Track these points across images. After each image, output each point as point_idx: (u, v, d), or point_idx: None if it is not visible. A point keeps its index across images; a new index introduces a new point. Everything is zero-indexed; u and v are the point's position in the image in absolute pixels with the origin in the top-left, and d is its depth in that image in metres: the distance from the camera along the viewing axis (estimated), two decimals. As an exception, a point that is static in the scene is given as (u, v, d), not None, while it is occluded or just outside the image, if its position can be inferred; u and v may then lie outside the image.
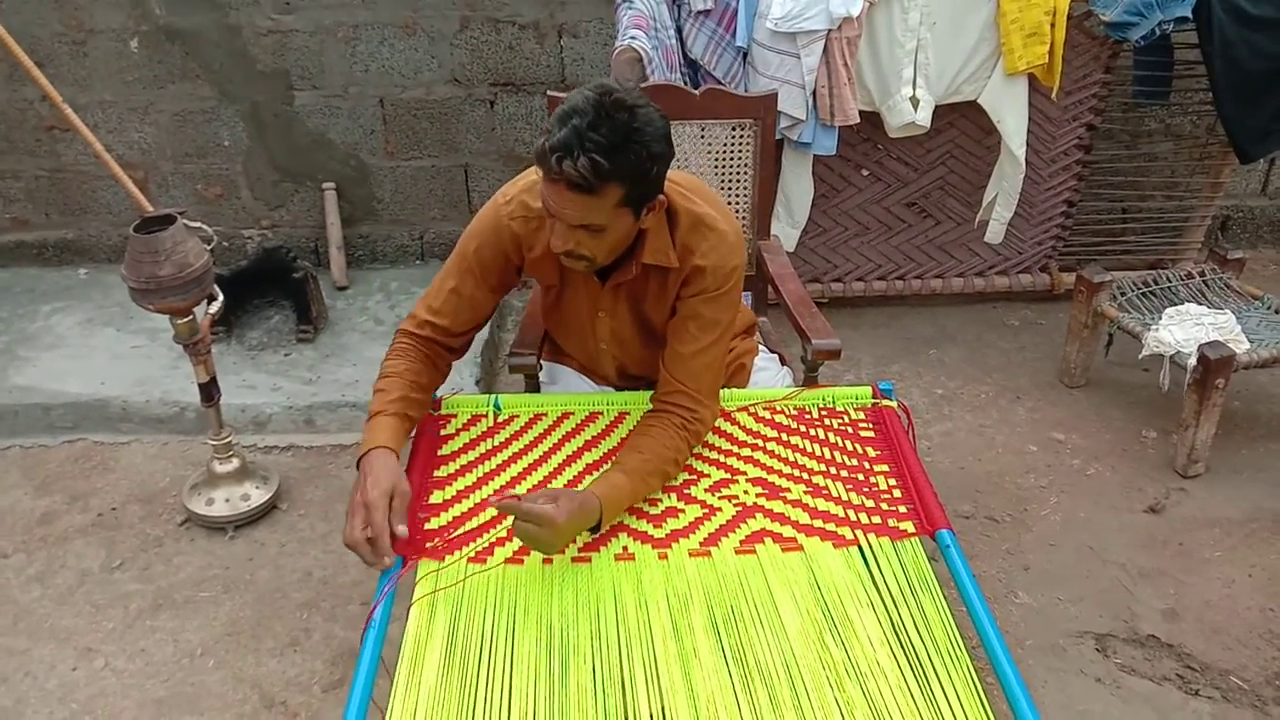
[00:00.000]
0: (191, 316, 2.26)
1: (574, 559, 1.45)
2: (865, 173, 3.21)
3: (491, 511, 1.53)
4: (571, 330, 1.84)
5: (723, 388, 1.84)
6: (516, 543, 1.47)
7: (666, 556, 1.46)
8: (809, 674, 1.25)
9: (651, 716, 1.20)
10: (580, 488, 1.51)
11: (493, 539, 1.48)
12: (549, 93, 2.18)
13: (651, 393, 1.69)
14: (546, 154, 1.41)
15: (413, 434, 1.68)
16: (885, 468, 1.64)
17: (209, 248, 2.24)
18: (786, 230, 3.10)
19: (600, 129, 1.39)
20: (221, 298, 2.31)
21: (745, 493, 1.59)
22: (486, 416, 1.76)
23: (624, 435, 1.69)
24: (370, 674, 1.25)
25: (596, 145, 1.39)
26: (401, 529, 1.45)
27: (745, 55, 2.84)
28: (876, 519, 1.53)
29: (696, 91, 2.19)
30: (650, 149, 1.44)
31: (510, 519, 1.40)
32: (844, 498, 1.57)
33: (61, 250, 3.54)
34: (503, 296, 1.75)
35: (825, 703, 1.21)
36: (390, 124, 3.36)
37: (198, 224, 2.26)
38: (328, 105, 3.33)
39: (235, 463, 2.50)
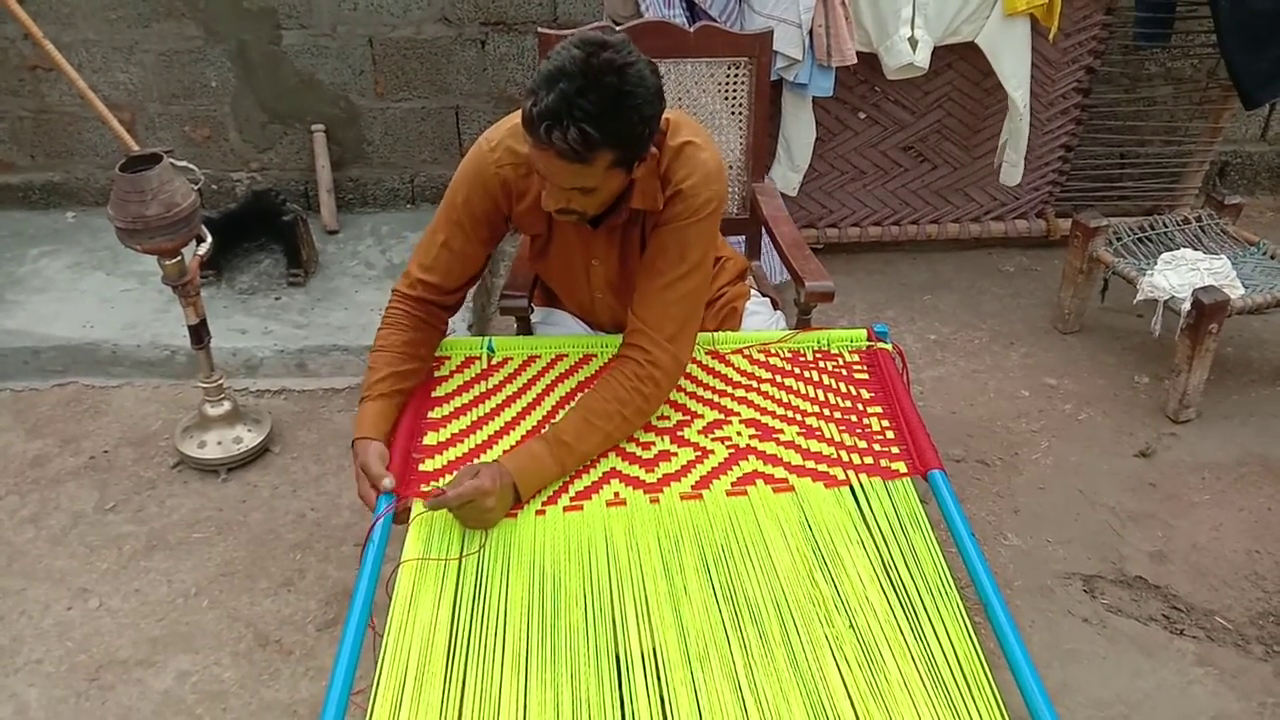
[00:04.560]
0: (180, 257, 2.23)
1: (566, 508, 1.46)
2: (862, 115, 3.17)
3: (486, 456, 1.53)
4: (564, 281, 1.82)
5: (715, 331, 1.84)
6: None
7: (658, 501, 1.46)
8: (798, 610, 1.26)
9: (642, 654, 1.21)
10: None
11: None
12: (540, 30, 2.14)
13: None
14: (534, 121, 1.36)
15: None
16: (878, 409, 1.64)
17: (196, 188, 2.21)
18: (787, 174, 3.07)
19: (589, 95, 1.34)
20: (210, 239, 2.29)
21: (738, 434, 1.59)
22: (480, 359, 1.75)
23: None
24: (365, 611, 1.26)
25: (586, 114, 1.34)
26: (386, 480, 1.45)
27: (741, -7, 2.80)
28: (869, 459, 1.53)
29: (690, 29, 2.16)
30: (642, 112, 1.40)
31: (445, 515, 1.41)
32: (837, 439, 1.57)
33: (48, 193, 3.49)
34: (495, 247, 1.71)
35: (815, 638, 1.22)
36: (380, 64, 3.30)
37: (185, 164, 2.22)
38: (316, 45, 3.27)
39: (227, 406, 2.49)
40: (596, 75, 1.34)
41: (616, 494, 1.48)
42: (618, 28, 2.13)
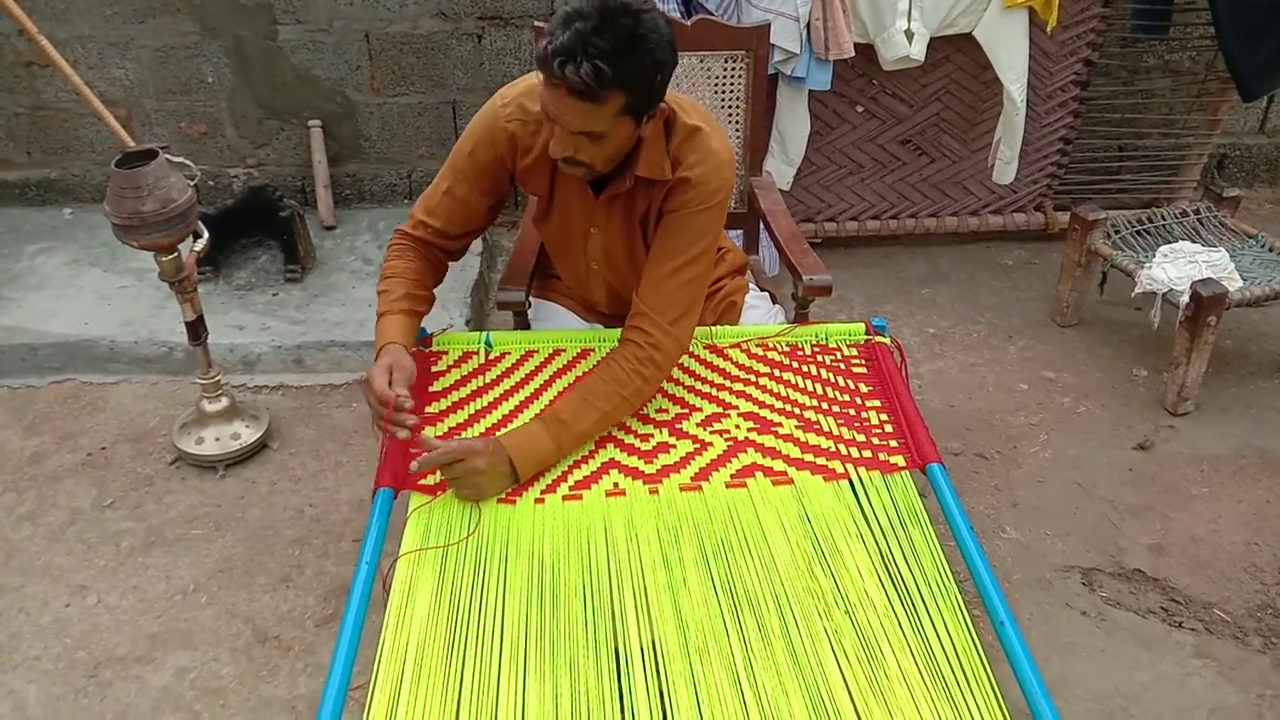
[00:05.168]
0: (176, 253, 2.23)
1: (565, 497, 1.46)
2: (860, 109, 3.17)
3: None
4: (562, 248, 1.83)
5: (714, 325, 1.84)
6: (509, 481, 1.47)
7: (657, 492, 1.46)
8: (797, 603, 1.26)
9: (641, 646, 1.21)
10: None
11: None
12: (536, 24, 2.14)
13: None
14: (548, 58, 1.38)
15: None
16: (877, 403, 1.64)
17: (193, 184, 2.20)
18: (781, 168, 3.06)
19: (604, 34, 1.36)
20: (206, 235, 2.28)
21: (737, 427, 1.59)
22: (478, 353, 1.75)
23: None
24: (362, 605, 1.26)
25: (600, 52, 1.36)
26: (403, 392, 1.47)
27: (738, -13, 2.79)
28: (867, 453, 1.53)
29: (688, 22, 2.15)
30: (655, 56, 1.42)
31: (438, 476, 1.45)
32: (835, 432, 1.57)
33: (45, 190, 3.48)
34: (496, 201, 1.74)
35: (814, 631, 1.22)
36: (376, 59, 3.30)
37: (181, 159, 2.22)
38: (312, 40, 3.26)
39: (224, 402, 2.49)
40: (613, 16, 1.37)
41: (616, 484, 1.48)
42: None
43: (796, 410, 1.62)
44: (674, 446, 1.55)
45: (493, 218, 1.76)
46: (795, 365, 1.72)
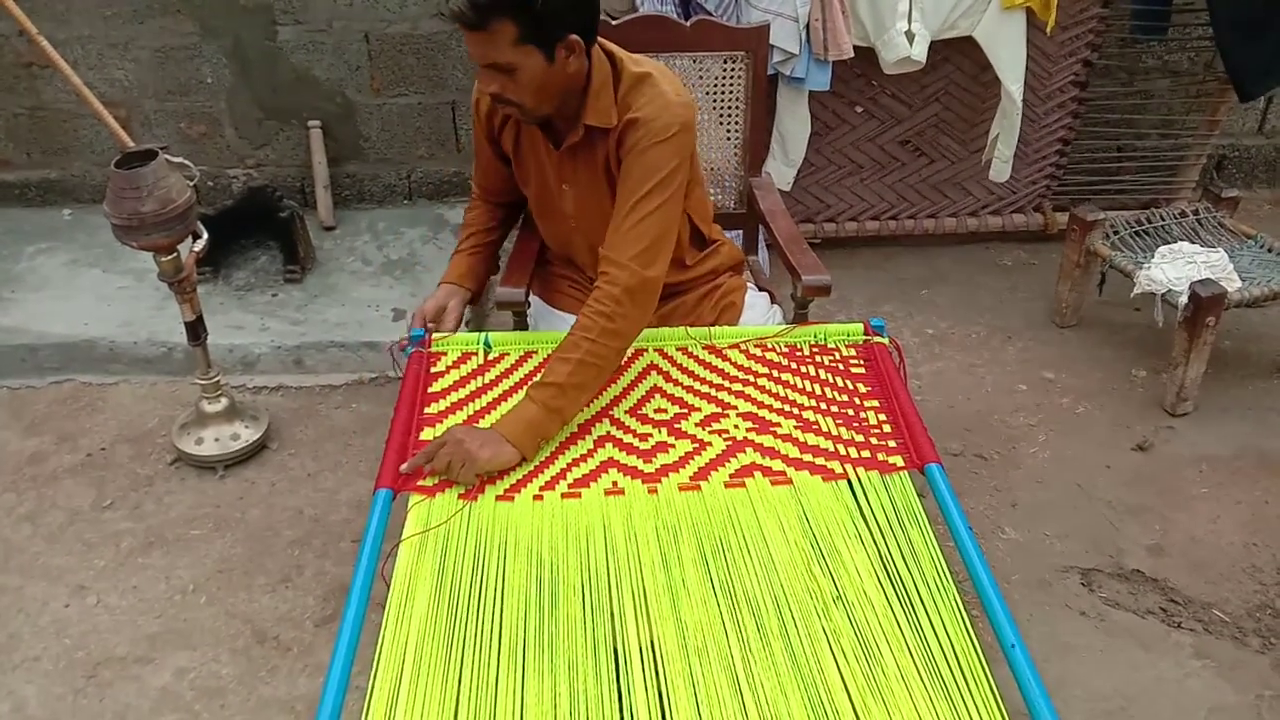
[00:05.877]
0: (176, 254, 2.23)
1: (564, 494, 1.46)
2: (859, 110, 3.17)
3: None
4: (545, 209, 1.89)
5: (713, 324, 1.84)
6: (507, 481, 1.48)
7: (656, 491, 1.46)
8: (796, 603, 1.26)
9: (640, 646, 1.21)
10: (572, 425, 1.58)
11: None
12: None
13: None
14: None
15: (403, 373, 1.70)
16: (875, 403, 1.64)
17: (192, 184, 2.20)
18: (781, 169, 3.06)
19: None
20: (206, 235, 2.28)
21: (735, 427, 1.59)
22: (477, 354, 1.75)
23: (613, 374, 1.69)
24: (362, 605, 1.25)
25: None
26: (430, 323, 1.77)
27: (737, -13, 2.79)
28: (866, 453, 1.53)
29: (687, 23, 2.15)
30: None
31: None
32: (834, 432, 1.57)
33: (44, 191, 3.48)
34: (511, 169, 1.86)
35: (813, 631, 1.22)
36: (376, 60, 3.30)
37: (180, 160, 2.22)
38: (312, 40, 3.26)
39: (224, 402, 2.49)
40: None
41: (615, 483, 1.48)
42: (614, 21, 2.14)
43: (795, 410, 1.62)
44: (673, 446, 1.55)
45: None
46: (794, 366, 1.72)
